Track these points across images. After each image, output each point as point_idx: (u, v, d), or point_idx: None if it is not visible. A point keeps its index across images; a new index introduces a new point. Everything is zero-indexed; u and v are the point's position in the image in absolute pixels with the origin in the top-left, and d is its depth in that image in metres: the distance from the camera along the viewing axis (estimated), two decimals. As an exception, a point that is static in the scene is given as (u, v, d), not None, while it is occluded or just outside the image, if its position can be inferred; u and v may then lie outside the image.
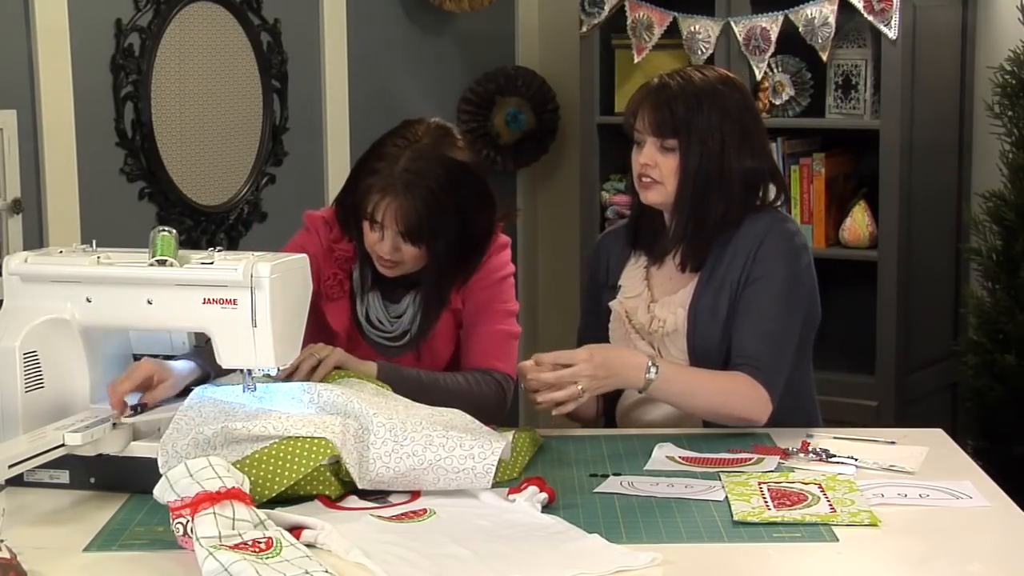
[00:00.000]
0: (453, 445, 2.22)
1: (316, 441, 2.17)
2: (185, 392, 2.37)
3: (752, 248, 2.62)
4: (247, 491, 1.98)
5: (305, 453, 2.17)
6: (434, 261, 2.62)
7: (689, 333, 2.64)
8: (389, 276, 2.67)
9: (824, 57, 3.96)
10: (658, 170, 2.64)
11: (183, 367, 2.43)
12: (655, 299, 2.71)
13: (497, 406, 2.66)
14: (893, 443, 2.47)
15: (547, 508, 2.14)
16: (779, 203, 2.73)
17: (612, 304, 2.76)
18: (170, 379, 2.39)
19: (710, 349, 2.62)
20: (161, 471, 2.11)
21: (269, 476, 2.14)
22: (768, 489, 2.21)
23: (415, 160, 2.57)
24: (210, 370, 2.45)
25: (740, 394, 2.55)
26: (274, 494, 2.13)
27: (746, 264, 2.62)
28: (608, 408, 2.79)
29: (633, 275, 2.76)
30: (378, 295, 2.72)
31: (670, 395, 2.54)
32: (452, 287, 2.69)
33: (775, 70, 4.09)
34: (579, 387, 2.46)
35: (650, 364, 2.51)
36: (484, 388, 2.65)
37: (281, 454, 2.16)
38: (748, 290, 2.61)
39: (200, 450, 2.16)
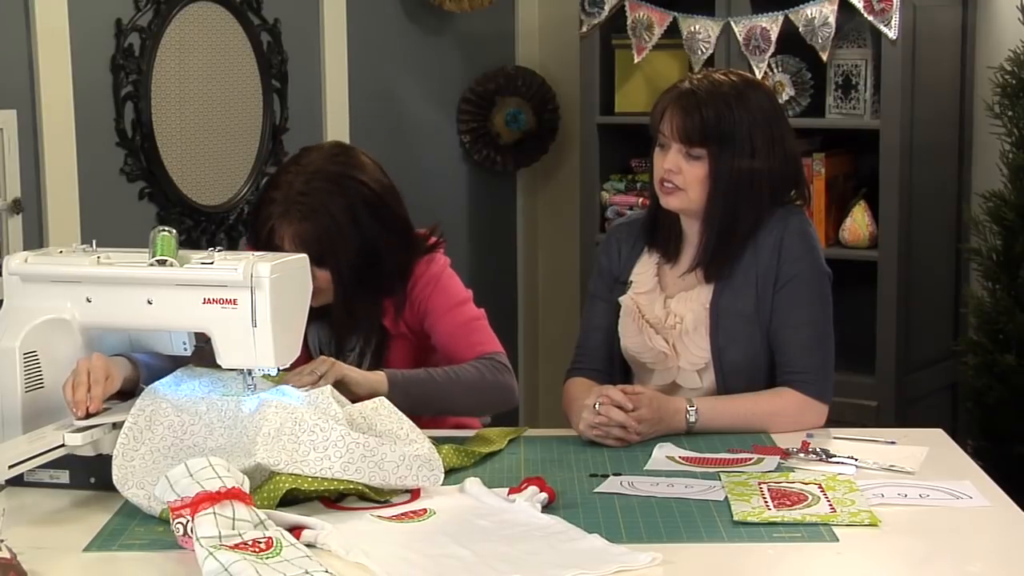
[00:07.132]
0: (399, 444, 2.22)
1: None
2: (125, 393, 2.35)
3: (773, 244, 2.62)
4: (247, 491, 1.98)
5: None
6: (338, 281, 2.63)
7: (712, 331, 2.64)
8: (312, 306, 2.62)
9: (824, 57, 3.96)
10: (681, 177, 2.63)
11: (118, 362, 2.39)
12: (669, 294, 2.71)
13: (509, 385, 2.71)
14: (893, 443, 2.47)
15: (547, 508, 2.14)
16: (800, 204, 2.73)
17: (623, 299, 2.75)
18: (110, 378, 2.32)
19: (734, 348, 2.63)
20: (117, 486, 2.14)
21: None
22: (768, 489, 2.21)
23: (308, 182, 2.62)
24: (143, 370, 2.42)
25: (787, 413, 2.59)
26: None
27: (771, 263, 2.62)
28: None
29: (645, 270, 2.75)
30: (325, 327, 2.72)
31: (716, 429, 2.57)
32: (369, 310, 2.69)
33: (775, 70, 4.09)
34: (636, 430, 2.50)
35: (688, 407, 2.56)
36: (494, 371, 2.69)
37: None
38: (780, 295, 2.62)
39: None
